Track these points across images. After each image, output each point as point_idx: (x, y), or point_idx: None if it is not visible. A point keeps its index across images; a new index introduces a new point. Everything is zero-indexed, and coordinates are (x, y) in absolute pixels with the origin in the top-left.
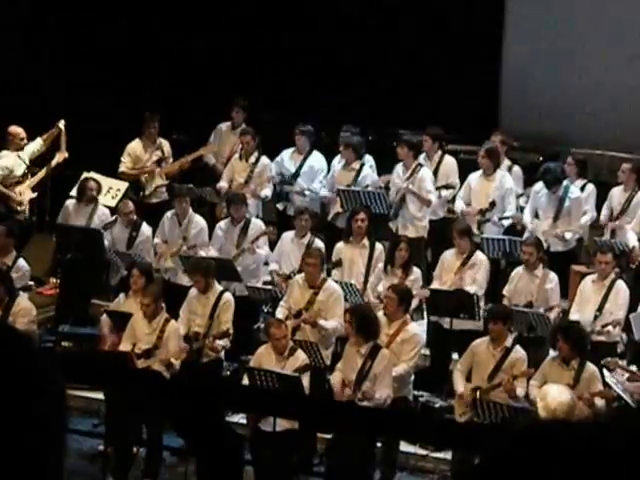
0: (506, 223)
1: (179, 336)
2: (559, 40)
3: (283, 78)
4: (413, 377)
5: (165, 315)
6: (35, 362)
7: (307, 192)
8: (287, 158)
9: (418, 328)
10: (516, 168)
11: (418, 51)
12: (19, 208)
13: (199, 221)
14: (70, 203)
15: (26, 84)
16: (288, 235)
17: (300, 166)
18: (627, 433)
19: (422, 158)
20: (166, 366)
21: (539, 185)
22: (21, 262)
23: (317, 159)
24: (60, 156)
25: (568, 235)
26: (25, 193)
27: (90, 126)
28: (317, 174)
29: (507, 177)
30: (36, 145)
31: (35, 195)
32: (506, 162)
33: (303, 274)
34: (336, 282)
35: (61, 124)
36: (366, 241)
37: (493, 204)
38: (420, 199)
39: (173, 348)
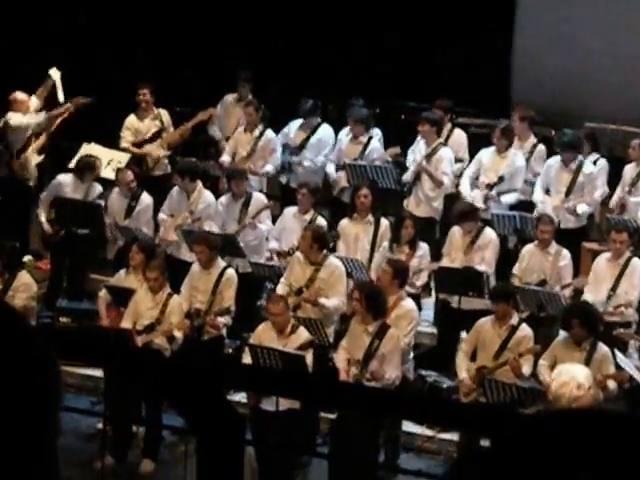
0: (504, 200)
1: (182, 311)
2: (574, 12)
3: (289, 48)
4: (412, 354)
5: (168, 290)
6: (29, 341)
7: (311, 164)
8: (294, 129)
9: (413, 304)
10: (540, 146)
11: (429, 22)
12: (26, 175)
13: (207, 195)
14: (66, 178)
15: (21, 53)
16: (290, 211)
17: (307, 138)
18: None
19: None
20: (168, 339)
21: (552, 159)
22: None
23: (325, 132)
24: (63, 109)
25: (580, 209)
26: (32, 157)
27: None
28: (324, 147)
29: (519, 156)
30: (35, 118)
31: (42, 158)
32: (531, 140)
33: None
34: (340, 258)
35: (53, 72)
36: (371, 217)
37: (501, 179)
38: (433, 179)
39: (176, 321)
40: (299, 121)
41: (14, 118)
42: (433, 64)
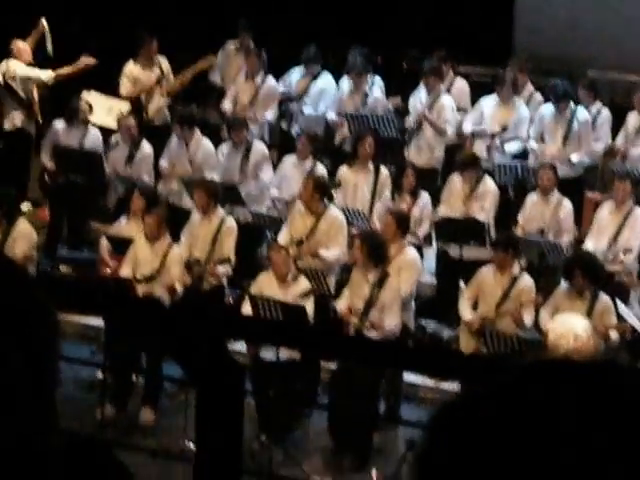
0: (507, 148)
1: (182, 262)
2: None
3: None
4: (414, 303)
5: (168, 240)
6: (27, 291)
7: (312, 112)
8: (295, 77)
9: (415, 253)
10: (537, 95)
11: None
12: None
13: (206, 144)
14: (59, 125)
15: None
16: (289, 159)
17: (308, 86)
18: None
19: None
20: (169, 291)
21: (545, 108)
22: None
23: (326, 80)
24: (71, 70)
25: (575, 158)
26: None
27: (85, 47)
28: (325, 95)
29: (523, 105)
30: (43, 75)
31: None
32: (529, 87)
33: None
34: (341, 208)
35: (43, 21)
36: (371, 165)
37: (505, 128)
38: (436, 128)
39: (175, 273)
40: (300, 68)
41: (20, 68)
42: (435, 12)
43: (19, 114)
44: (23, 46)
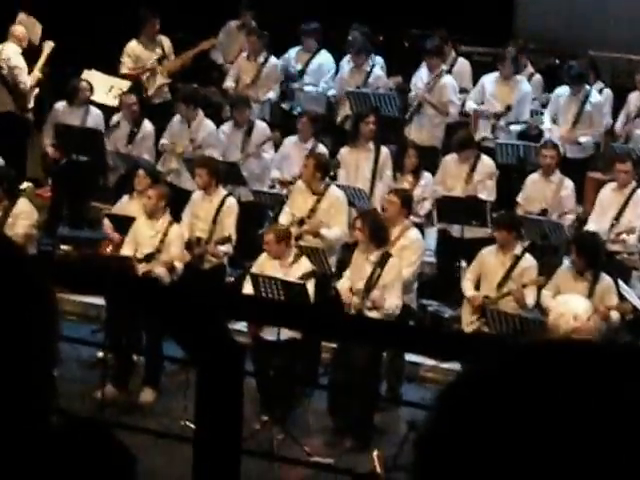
0: (513, 128)
1: (182, 240)
2: None
3: None
4: (416, 284)
5: (169, 218)
6: (25, 270)
7: (312, 89)
8: (294, 56)
9: (419, 234)
10: (537, 76)
11: None
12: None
13: (208, 124)
14: (60, 105)
15: None
16: (291, 139)
17: (307, 64)
18: None
19: None
20: (169, 269)
21: (561, 89)
22: None
23: (325, 58)
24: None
25: (583, 139)
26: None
27: (87, 26)
28: (324, 73)
29: (525, 82)
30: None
31: (37, 91)
32: (529, 69)
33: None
34: (342, 187)
35: (50, 43)
36: (371, 145)
37: (509, 108)
38: (437, 109)
39: (176, 252)
40: (298, 48)
41: (14, 57)
42: None
43: (9, 99)
44: (20, 32)
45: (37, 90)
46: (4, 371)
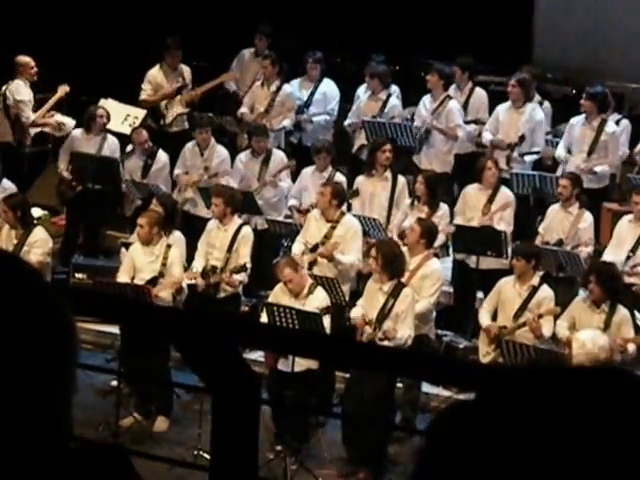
0: (528, 159)
1: (182, 261)
2: None
3: (310, 2)
4: (435, 314)
5: (166, 242)
6: (46, 297)
7: (320, 119)
8: (297, 87)
9: (439, 264)
10: (546, 104)
11: None
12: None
13: (221, 151)
14: (77, 133)
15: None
16: (308, 171)
17: (312, 94)
18: None
19: (452, 90)
20: (177, 291)
21: (576, 118)
22: (6, 182)
23: (329, 86)
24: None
25: (598, 168)
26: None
27: (108, 53)
28: (330, 101)
29: (538, 109)
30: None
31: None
32: (537, 97)
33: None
34: (357, 217)
35: (66, 88)
36: (388, 174)
37: (522, 138)
38: (446, 135)
39: (178, 274)
40: (300, 78)
41: (23, 93)
42: (455, 21)
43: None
44: (24, 60)
45: (38, 129)
46: (23, 397)
